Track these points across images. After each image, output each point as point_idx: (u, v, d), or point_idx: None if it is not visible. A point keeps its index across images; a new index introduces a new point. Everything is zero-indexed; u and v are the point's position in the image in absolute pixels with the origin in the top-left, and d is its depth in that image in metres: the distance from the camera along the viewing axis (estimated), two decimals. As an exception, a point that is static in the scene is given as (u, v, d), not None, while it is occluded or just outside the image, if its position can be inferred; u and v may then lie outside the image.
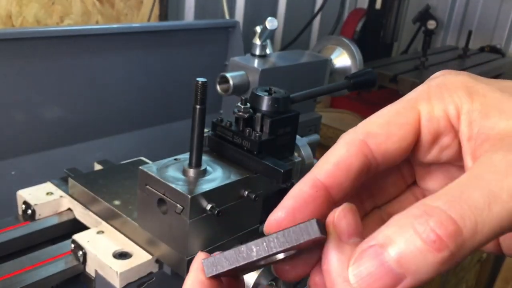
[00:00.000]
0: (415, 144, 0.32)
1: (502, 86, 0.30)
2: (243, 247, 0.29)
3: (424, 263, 0.24)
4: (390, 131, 0.31)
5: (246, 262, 0.28)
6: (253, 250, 0.28)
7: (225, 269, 0.29)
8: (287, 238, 0.28)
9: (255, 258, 0.28)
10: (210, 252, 0.32)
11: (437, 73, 0.33)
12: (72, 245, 0.72)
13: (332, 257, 0.27)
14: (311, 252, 0.31)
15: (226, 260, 0.29)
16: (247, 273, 0.34)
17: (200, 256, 0.31)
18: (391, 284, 0.25)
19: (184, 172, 0.64)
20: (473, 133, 0.29)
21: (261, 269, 0.62)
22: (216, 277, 0.30)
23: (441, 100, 0.30)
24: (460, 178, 0.26)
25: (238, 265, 0.29)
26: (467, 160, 0.30)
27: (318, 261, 0.31)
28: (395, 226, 0.25)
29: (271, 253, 0.28)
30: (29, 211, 0.81)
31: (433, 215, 0.24)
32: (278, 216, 0.31)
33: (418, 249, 0.24)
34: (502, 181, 0.25)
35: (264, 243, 0.28)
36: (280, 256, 0.31)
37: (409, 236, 0.24)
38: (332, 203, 0.31)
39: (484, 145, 0.29)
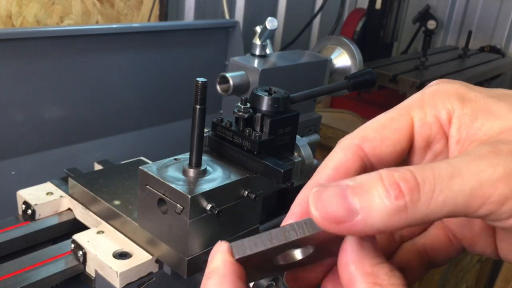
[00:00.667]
0: (410, 149, 0.33)
1: (492, 93, 0.32)
2: (265, 233, 0.30)
3: (380, 205, 0.26)
4: (384, 135, 0.32)
5: (268, 248, 0.29)
6: (276, 236, 0.29)
7: (253, 252, 0.30)
8: (307, 226, 0.29)
9: (277, 244, 0.29)
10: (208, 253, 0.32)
11: (433, 82, 0.34)
12: (72, 245, 0.72)
13: (352, 250, 0.28)
14: (324, 259, 0.33)
15: (253, 243, 0.30)
16: (271, 274, 0.34)
17: (220, 245, 0.31)
18: (344, 216, 0.27)
19: (184, 172, 0.64)
20: (462, 136, 0.31)
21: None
22: (242, 263, 0.30)
23: (434, 107, 0.32)
24: None
25: (263, 248, 0.29)
26: None
27: (329, 270, 0.33)
28: (367, 174, 0.28)
29: (295, 238, 0.29)
30: (29, 211, 0.81)
31: (400, 171, 0.27)
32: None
33: (378, 191, 0.26)
34: (469, 162, 0.27)
35: (286, 231, 0.29)
36: (298, 255, 0.32)
37: (374, 181, 0.27)
38: None
39: (469, 147, 0.30)
